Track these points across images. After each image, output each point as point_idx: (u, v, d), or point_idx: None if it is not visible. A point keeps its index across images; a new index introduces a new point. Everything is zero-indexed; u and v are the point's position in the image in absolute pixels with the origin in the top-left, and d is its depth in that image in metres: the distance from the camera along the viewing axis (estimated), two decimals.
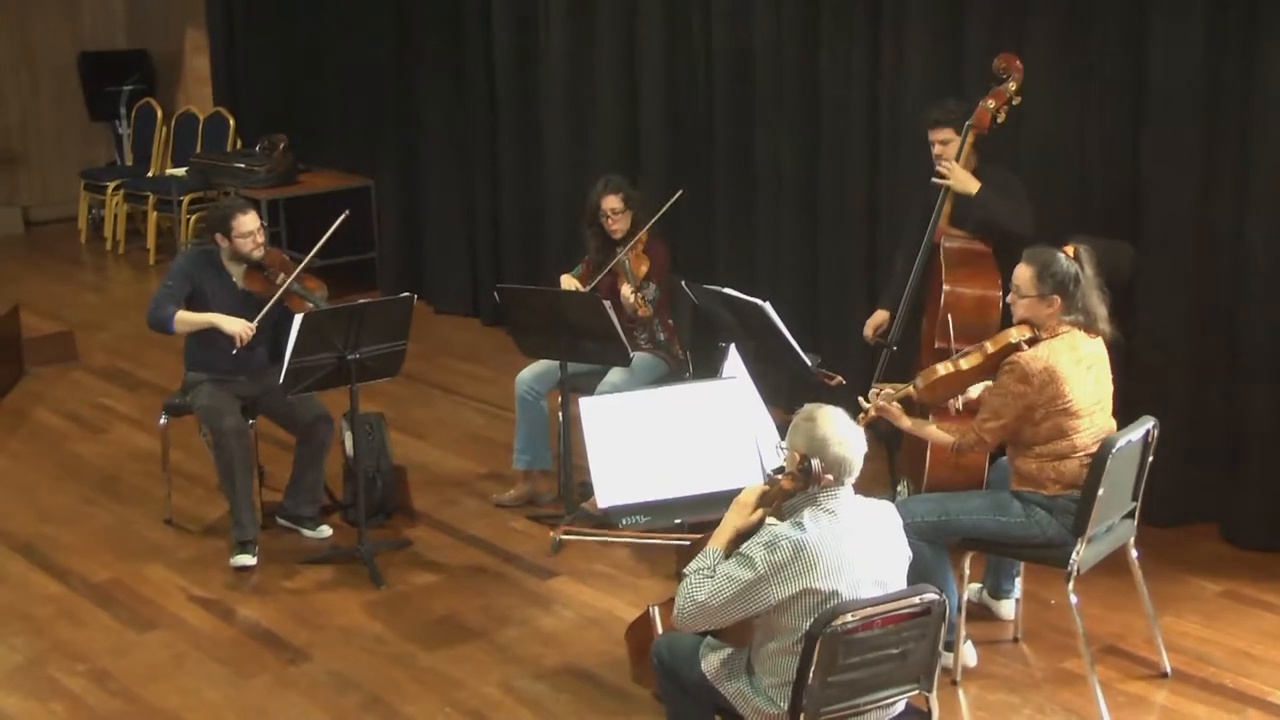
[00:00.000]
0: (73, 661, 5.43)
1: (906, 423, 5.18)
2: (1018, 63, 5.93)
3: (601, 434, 4.93)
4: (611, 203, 6.56)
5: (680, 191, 6.78)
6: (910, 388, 5.21)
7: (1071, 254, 4.96)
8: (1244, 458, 6.04)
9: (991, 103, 5.92)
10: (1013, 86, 5.92)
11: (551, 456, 6.67)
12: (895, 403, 5.15)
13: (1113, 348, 5.09)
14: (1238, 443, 6.07)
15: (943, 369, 5.12)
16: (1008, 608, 5.58)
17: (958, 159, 5.94)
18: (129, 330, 9.39)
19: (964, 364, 5.09)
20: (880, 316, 6.29)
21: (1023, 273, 4.97)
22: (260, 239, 6.27)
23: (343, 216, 6.40)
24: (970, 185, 5.88)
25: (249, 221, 6.22)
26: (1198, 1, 5.83)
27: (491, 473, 7.05)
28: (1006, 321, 5.77)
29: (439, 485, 6.95)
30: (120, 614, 5.80)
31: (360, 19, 9.95)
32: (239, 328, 6.15)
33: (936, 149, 6.02)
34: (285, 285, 6.18)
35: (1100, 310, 4.97)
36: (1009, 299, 5.08)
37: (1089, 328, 4.96)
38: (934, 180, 5.98)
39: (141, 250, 11.23)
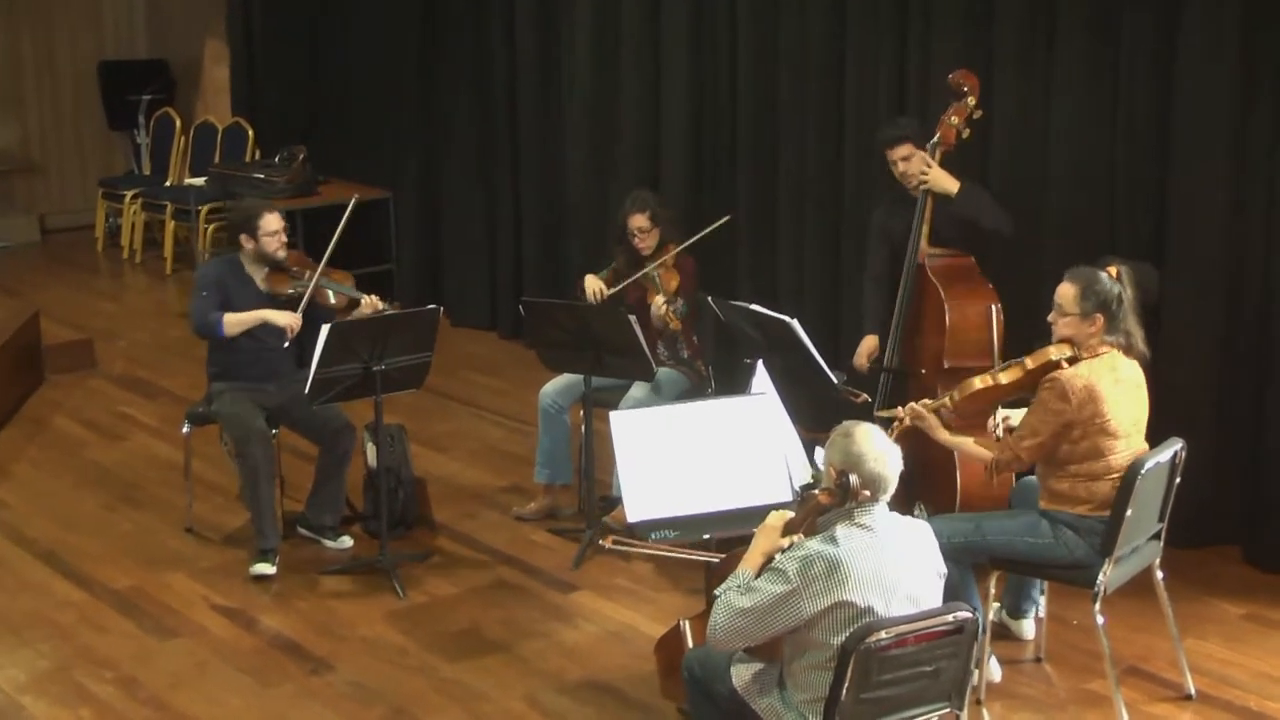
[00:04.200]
0: (100, 668, 5.43)
1: (944, 435, 5.16)
2: (973, 77, 5.98)
3: (631, 448, 4.93)
4: (639, 221, 6.58)
5: (727, 217, 6.77)
6: (946, 400, 5.19)
7: (1114, 274, 4.96)
8: (1267, 480, 6.04)
9: (955, 119, 5.97)
10: (971, 101, 5.97)
11: (573, 470, 6.68)
12: (932, 414, 5.15)
13: (1144, 368, 5.09)
14: (1261, 465, 6.06)
15: (980, 382, 5.11)
16: (1027, 627, 5.58)
17: None
18: (147, 339, 9.45)
19: (1003, 378, 5.07)
20: (871, 343, 6.32)
21: (1066, 291, 4.96)
22: (284, 238, 6.31)
23: (351, 204, 6.53)
24: (950, 185, 5.95)
25: (274, 220, 6.27)
26: (1229, 23, 5.85)
27: (512, 486, 7.06)
28: (1008, 333, 5.83)
29: (459, 498, 6.96)
30: (143, 622, 5.80)
31: (380, 31, 9.98)
32: (289, 319, 6.20)
33: (900, 167, 6.09)
34: (314, 279, 6.24)
35: (1138, 332, 4.98)
36: (1050, 317, 5.04)
37: (1128, 349, 4.97)
38: (920, 186, 6.03)
39: (158, 259, 11.25)
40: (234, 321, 6.20)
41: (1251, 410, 6.09)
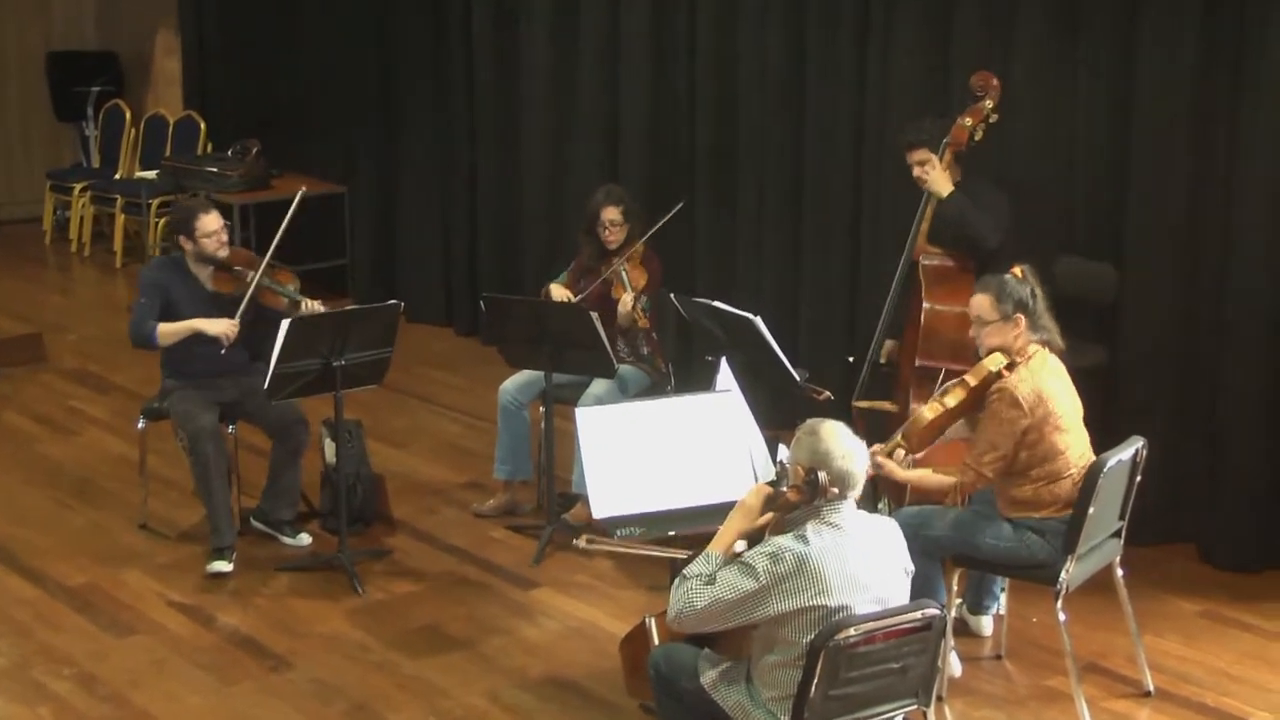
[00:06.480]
0: (58, 665, 5.37)
1: (902, 475, 5.12)
2: (995, 81, 6.00)
3: (597, 444, 4.91)
4: (611, 214, 6.56)
5: (680, 204, 6.76)
6: (899, 439, 5.10)
7: (1020, 275, 5.02)
8: (1223, 479, 6.10)
9: (968, 120, 5.98)
10: (989, 104, 5.98)
11: (532, 467, 6.66)
12: (889, 459, 5.07)
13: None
14: (1217, 464, 6.12)
15: (929, 412, 5.04)
16: (986, 624, 5.61)
17: None
18: (98, 333, 9.33)
19: (949, 401, 5.04)
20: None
21: (981, 301, 4.99)
22: (224, 238, 6.21)
23: (298, 197, 6.33)
24: (944, 187, 5.97)
25: (212, 221, 6.16)
26: (1188, 18, 5.90)
27: (470, 482, 7.03)
28: None
29: (418, 494, 6.92)
30: (98, 618, 5.74)
31: (335, 24, 9.90)
32: (223, 328, 6.11)
33: (916, 170, 6.10)
34: (255, 281, 6.13)
35: (1054, 327, 5.03)
36: (971, 333, 5.08)
37: (1052, 345, 5.01)
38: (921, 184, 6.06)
39: (108, 253, 11.13)
40: (167, 332, 6.11)
41: (1207, 409, 6.14)
